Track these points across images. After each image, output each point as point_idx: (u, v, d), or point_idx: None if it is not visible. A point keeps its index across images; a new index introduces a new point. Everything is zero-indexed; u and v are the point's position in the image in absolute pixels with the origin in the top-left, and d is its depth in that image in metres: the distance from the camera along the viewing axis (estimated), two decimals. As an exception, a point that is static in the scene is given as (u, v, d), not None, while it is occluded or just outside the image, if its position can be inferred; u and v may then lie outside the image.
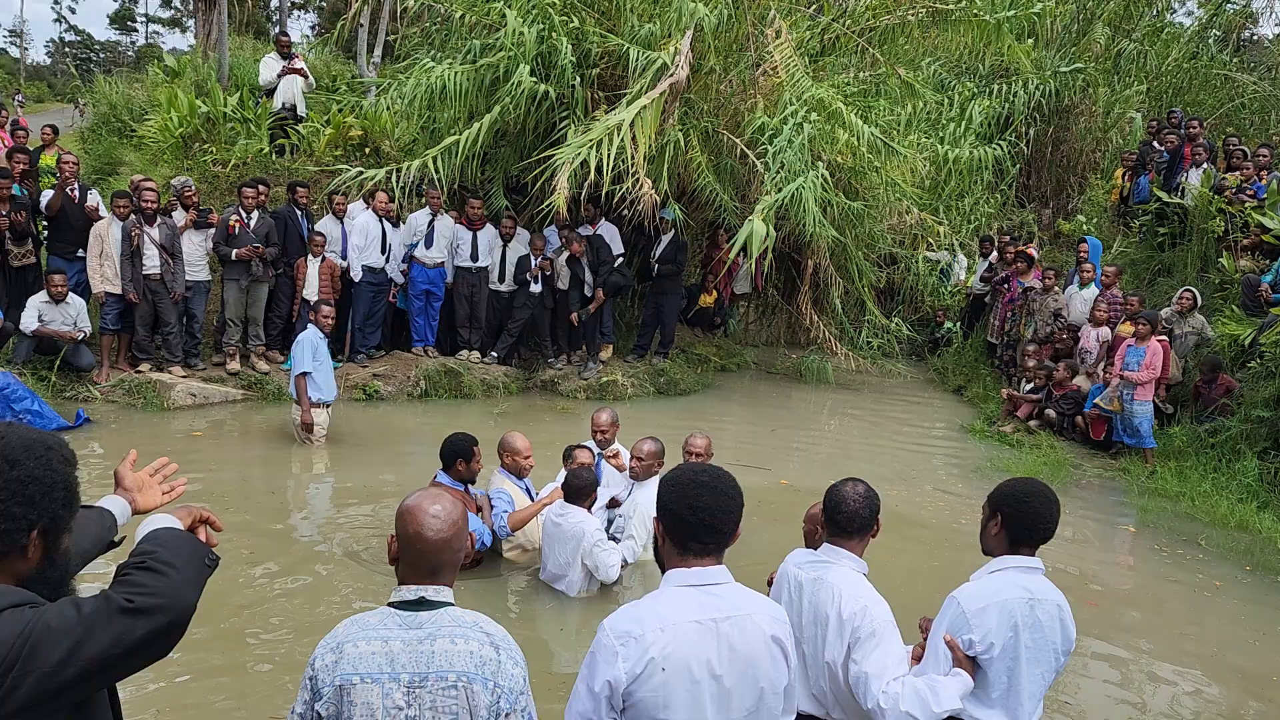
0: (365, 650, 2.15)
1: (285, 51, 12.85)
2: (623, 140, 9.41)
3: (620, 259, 11.22)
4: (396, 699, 2.11)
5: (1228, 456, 9.15)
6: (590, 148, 9.38)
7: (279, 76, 12.57)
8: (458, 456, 5.69)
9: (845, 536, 3.04)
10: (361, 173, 10.31)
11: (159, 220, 9.24)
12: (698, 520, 2.28)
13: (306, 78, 12.89)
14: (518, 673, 2.18)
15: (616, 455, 6.68)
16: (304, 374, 8.19)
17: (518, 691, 2.16)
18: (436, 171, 10.22)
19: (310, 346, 8.23)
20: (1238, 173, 12.07)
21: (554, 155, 9.64)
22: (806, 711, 2.96)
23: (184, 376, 9.47)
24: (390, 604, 2.24)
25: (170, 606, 1.75)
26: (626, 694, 2.17)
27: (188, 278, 9.47)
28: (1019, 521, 2.92)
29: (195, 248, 9.58)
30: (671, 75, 9.92)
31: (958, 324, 14.56)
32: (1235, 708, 5.12)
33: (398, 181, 10.20)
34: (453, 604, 2.25)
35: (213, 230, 9.61)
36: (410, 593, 2.23)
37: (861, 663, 2.81)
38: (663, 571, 2.37)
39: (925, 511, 8.04)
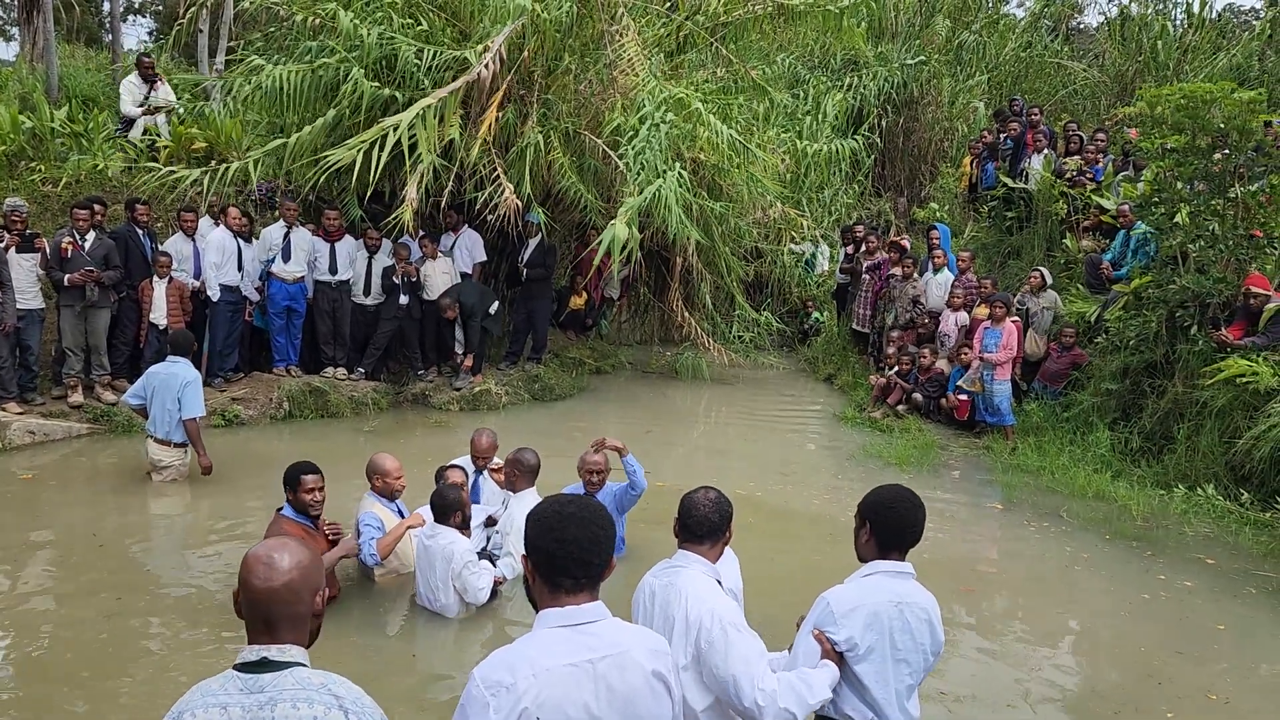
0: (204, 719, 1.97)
1: (148, 74, 12.00)
2: (399, 140, 9.19)
3: (496, 305, 11.00)
4: None
5: (1081, 429, 9.61)
6: (361, 149, 9.18)
7: (141, 110, 11.84)
8: (286, 487, 5.40)
9: (696, 541, 3.11)
10: (173, 172, 9.81)
11: (-18, 247, 8.55)
12: (566, 554, 2.18)
13: (174, 109, 12.16)
14: None
15: (500, 469, 6.52)
16: (194, 418, 7.72)
17: None
18: (262, 177, 9.86)
19: (200, 386, 7.79)
20: (1077, 156, 12.69)
21: (329, 155, 9.37)
22: None
23: (20, 413, 8.78)
24: (234, 666, 2.05)
25: None
26: None
27: (19, 306, 8.78)
28: (887, 528, 3.02)
29: (25, 273, 8.88)
30: (471, 73, 9.73)
31: (825, 313, 14.88)
32: (1111, 681, 5.33)
33: (213, 183, 9.75)
34: (302, 664, 2.06)
35: (40, 254, 8.94)
36: (253, 653, 2.05)
37: (726, 665, 2.82)
38: (536, 611, 2.26)
39: (806, 504, 8.14)
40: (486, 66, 9.75)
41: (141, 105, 11.89)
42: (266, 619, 2.04)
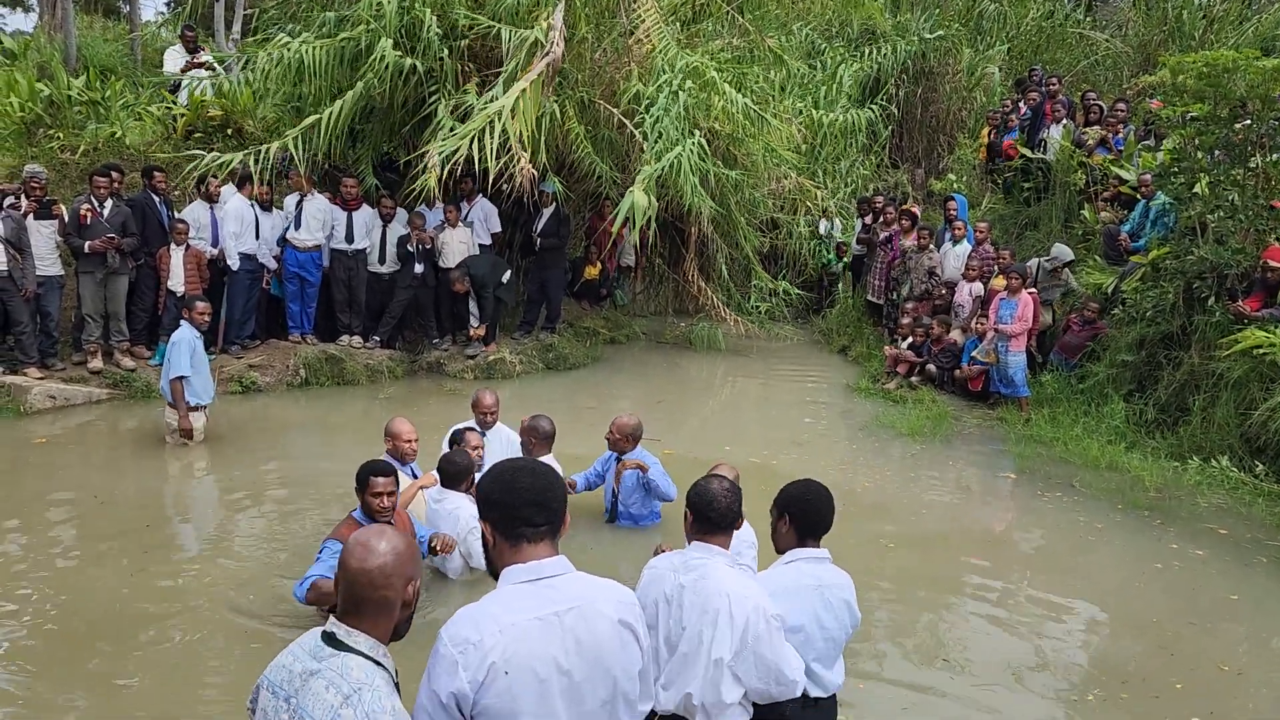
0: (281, 662, 2.13)
1: (191, 46, 12.37)
2: (505, 127, 9.16)
3: (508, 274, 11.02)
4: (284, 718, 2.05)
5: (1096, 400, 9.56)
6: (472, 139, 9.12)
7: (183, 71, 12.12)
8: (358, 488, 4.94)
9: (716, 532, 3.11)
10: (219, 157, 9.81)
11: (2, 213, 8.61)
12: (522, 500, 2.22)
13: (214, 70, 12.31)
14: None
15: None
16: (180, 377, 7.76)
17: None
18: (298, 151, 9.82)
19: (188, 348, 7.80)
20: (1097, 127, 12.53)
21: (430, 149, 9.33)
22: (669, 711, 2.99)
23: (41, 378, 8.90)
24: (322, 631, 2.15)
25: None
26: (472, 703, 2.08)
27: (38, 273, 8.87)
28: (804, 519, 3.33)
29: (44, 240, 8.96)
30: (547, 54, 9.69)
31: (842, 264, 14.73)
32: (1121, 651, 5.34)
33: (256, 164, 9.73)
34: (364, 654, 2.08)
35: (58, 221, 9.00)
36: (331, 625, 2.13)
37: (774, 656, 2.93)
38: (496, 577, 2.27)
39: (818, 474, 8.04)
40: (555, 44, 9.70)
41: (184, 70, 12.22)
42: (356, 600, 2.10)
